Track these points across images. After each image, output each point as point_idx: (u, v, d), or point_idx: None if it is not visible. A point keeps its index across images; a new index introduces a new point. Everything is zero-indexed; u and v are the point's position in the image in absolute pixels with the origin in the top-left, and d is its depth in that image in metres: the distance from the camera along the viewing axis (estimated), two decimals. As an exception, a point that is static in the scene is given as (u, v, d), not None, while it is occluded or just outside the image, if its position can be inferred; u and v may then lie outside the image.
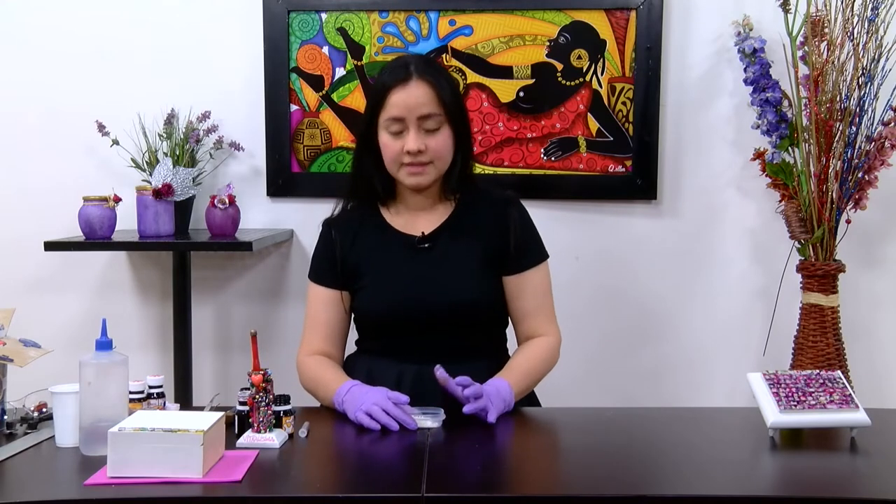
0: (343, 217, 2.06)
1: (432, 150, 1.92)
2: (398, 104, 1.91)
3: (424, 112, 1.91)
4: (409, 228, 2.01)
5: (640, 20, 2.68)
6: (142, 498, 1.40)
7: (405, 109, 1.91)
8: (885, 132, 2.50)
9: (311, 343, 2.01)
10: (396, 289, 1.95)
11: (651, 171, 2.72)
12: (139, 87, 2.76)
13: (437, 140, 1.93)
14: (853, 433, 1.69)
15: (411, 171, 1.94)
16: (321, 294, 2.02)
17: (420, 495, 1.40)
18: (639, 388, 2.79)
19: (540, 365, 1.99)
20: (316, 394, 1.95)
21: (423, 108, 1.91)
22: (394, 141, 1.93)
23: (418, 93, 1.91)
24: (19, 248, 2.78)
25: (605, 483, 1.50)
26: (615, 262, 2.79)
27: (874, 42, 2.45)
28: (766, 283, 2.76)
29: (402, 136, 1.92)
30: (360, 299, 2.00)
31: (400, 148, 1.92)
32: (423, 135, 1.92)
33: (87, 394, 1.58)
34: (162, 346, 2.82)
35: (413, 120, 1.91)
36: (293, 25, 2.73)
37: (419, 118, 1.91)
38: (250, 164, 2.79)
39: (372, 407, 1.74)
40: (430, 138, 1.92)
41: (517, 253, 2.00)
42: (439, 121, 1.93)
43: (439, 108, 1.92)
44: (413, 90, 1.91)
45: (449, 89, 1.96)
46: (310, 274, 2.06)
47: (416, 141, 1.91)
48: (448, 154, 1.96)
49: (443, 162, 1.96)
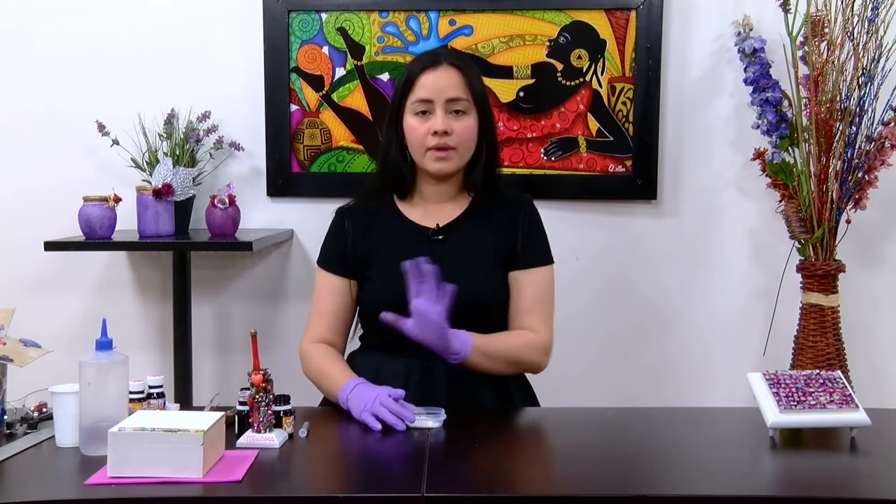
0: (357, 206, 2.07)
1: (458, 134, 1.94)
2: (427, 86, 1.94)
3: (452, 95, 1.94)
4: (423, 221, 2.02)
5: (640, 20, 2.68)
6: (142, 498, 1.40)
7: (434, 91, 1.94)
8: (885, 132, 2.49)
9: (315, 331, 2.01)
10: (404, 281, 1.89)
11: (651, 171, 2.72)
12: (139, 87, 2.76)
13: (462, 125, 1.95)
14: (853, 433, 1.69)
15: (436, 156, 1.95)
16: (329, 282, 2.02)
17: (420, 495, 1.40)
18: (639, 388, 2.79)
19: (513, 342, 1.96)
20: (319, 385, 1.95)
21: (451, 91, 1.94)
22: (420, 123, 1.95)
23: (448, 75, 1.95)
24: (19, 248, 2.77)
25: (605, 483, 1.50)
26: (615, 262, 2.79)
27: (874, 42, 2.45)
28: (766, 283, 2.76)
29: (429, 119, 1.94)
30: (368, 289, 1.99)
31: (426, 130, 1.94)
32: (450, 118, 1.94)
33: (87, 394, 1.58)
34: (162, 346, 2.82)
35: (441, 102, 1.94)
36: (293, 25, 2.73)
37: (447, 101, 1.94)
38: (250, 164, 2.79)
39: (378, 408, 1.74)
40: (456, 122, 1.95)
41: (523, 250, 2.01)
42: (466, 106, 1.95)
43: (467, 94, 1.95)
44: (442, 73, 1.95)
45: (478, 80, 2.01)
46: (318, 260, 2.07)
47: (443, 121, 1.93)
48: (472, 142, 1.98)
49: (466, 149, 1.97)
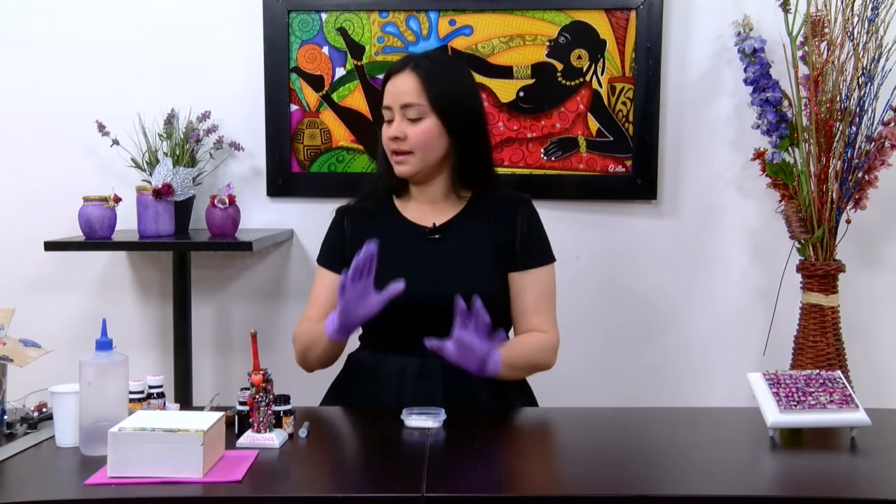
0: (356, 206, 2.10)
1: (411, 138, 1.97)
2: (388, 93, 2.01)
3: (405, 101, 1.97)
4: (421, 220, 2.04)
5: (640, 20, 2.68)
6: (142, 498, 1.40)
7: (392, 97, 1.99)
8: (885, 132, 2.49)
9: (306, 317, 2.02)
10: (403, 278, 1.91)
11: (651, 171, 2.72)
12: (139, 87, 2.76)
13: (416, 130, 1.97)
14: (853, 433, 1.69)
15: (395, 160, 2.00)
16: (329, 278, 2.04)
17: (420, 495, 1.40)
18: (638, 388, 2.79)
19: (531, 348, 1.97)
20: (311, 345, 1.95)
21: (404, 97, 1.97)
22: (385, 129, 2.01)
23: (404, 81, 1.98)
24: (19, 248, 2.77)
25: (605, 483, 1.50)
26: (615, 263, 2.79)
27: (874, 42, 2.45)
28: (766, 283, 2.76)
29: (391, 125, 1.99)
30: None
31: (389, 136, 1.99)
32: (406, 124, 1.97)
33: (87, 394, 1.58)
34: (162, 346, 2.82)
35: (397, 108, 1.98)
36: (293, 25, 2.73)
37: (401, 107, 1.97)
38: (250, 164, 2.79)
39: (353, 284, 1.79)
40: (410, 127, 1.97)
41: (523, 250, 2.02)
42: (421, 111, 1.97)
43: (422, 99, 1.96)
44: (399, 80, 1.99)
45: (446, 84, 1.99)
46: (318, 258, 2.09)
47: (395, 127, 1.98)
48: (429, 144, 1.98)
49: (424, 153, 1.98)
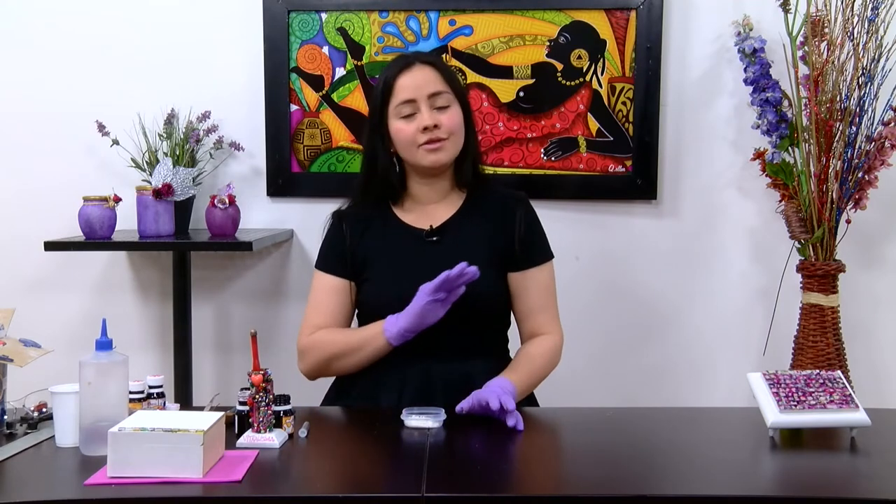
0: (353, 210, 2.08)
1: (447, 125, 1.97)
2: (407, 86, 1.97)
3: (433, 90, 1.97)
4: (418, 223, 2.03)
5: (640, 20, 2.68)
6: (142, 498, 1.40)
7: (414, 90, 1.96)
8: (885, 132, 2.49)
9: (313, 324, 2.01)
10: (402, 282, 1.93)
11: (651, 171, 2.72)
12: (139, 87, 2.76)
13: (449, 116, 1.97)
14: (853, 433, 1.68)
15: (430, 148, 1.96)
16: (328, 282, 2.03)
17: (420, 495, 1.40)
18: (638, 388, 2.79)
19: (542, 366, 1.99)
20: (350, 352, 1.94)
21: (430, 86, 1.97)
22: (407, 124, 1.97)
23: (424, 73, 1.98)
24: (19, 248, 2.77)
25: (605, 483, 1.50)
26: (615, 263, 2.79)
27: (874, 42, 2.45)
28: (766, 283, 2.76)
29: (415, 118, 1.96)
30: (366, 291, 2.01)
31: (415, 129, 1.96)
32: (436, 112, 1.96)
33: (87, 394, 1.58)
34: (162, 346, 2.81)
35: (423, 98, 1.96)
36: (293, 25, 2.73)
37: (429, 96, 1.97)
38: (250, 164, 2.79)
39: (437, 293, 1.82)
40: (442, 115, 1.97)
41: (522, 250, 2.02)
42: (449, 98, 1.98)
43: (446, 87, 1.98)
44: (418, 72, 1.98)
45: (453, 74, 2.05)
46: (317, 263, 2.07)
47: (430, 116, 1.95)
48: (461, 131, 2.00)
49: (458, 138, 1.99)
